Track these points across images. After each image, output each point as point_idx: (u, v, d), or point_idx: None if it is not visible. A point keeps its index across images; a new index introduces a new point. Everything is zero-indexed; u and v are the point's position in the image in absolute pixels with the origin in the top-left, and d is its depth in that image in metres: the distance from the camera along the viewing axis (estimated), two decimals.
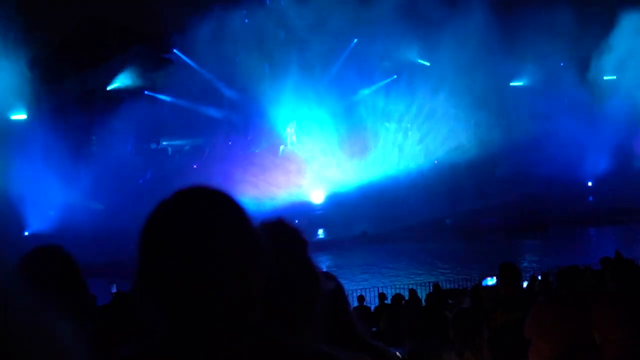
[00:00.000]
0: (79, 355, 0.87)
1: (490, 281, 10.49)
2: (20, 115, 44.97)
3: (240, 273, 1.38)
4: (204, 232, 1.36)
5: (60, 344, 0.82)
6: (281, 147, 49.99)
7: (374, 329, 12.02)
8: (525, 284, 12.72)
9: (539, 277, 14.94)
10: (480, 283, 14.29)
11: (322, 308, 1.83)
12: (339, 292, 2.39)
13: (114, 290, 15.01)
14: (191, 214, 1.38)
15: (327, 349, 1.46)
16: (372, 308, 16.18)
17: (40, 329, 0.80)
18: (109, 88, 48.76)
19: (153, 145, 50.75)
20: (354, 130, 48.75)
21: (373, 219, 40.48)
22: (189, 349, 1.35)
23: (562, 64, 49.95)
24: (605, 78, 49.42)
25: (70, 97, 47.77)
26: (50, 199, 42.44)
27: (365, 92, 50.87)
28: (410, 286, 18.76)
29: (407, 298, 15.45)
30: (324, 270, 1.97)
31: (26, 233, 38.75)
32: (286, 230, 1.88)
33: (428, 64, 49.11)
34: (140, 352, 1.41)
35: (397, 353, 2.49)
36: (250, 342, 1.36)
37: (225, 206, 1.43)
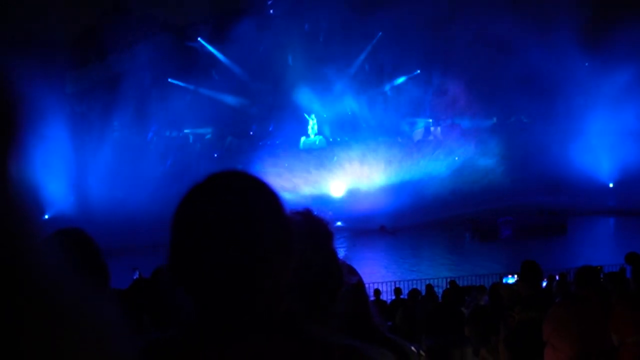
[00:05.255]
0: (123, 335, 0.86)
1: (510, 280, 10.43)
2: None
3: (273, 262, 1.34)
4: (238, 219, 1.32)
5: (106, 324, 0.80)
6: (302, 139, 50.02)
7: (389, 323, 12.01)
8: (543, 284, 12.66)
9: (557, 277, 14.86)
10: (501, 280, 14.21)
11: (344, 301, 1.82)
12: (360, 286, 2.39)
13: (136, 276, 15.01)
14: (225, 199, 1.34)
15: (353, 342, 1.45)
16: (388, 302, 16.15)
17: (88, 307, 0.79)
18: (132, 75, 48.86)
19: (174, 133, 50.91)
20: (375, 124, 48.67)
21: (392, 214, 40.38)
22: (216, 337, 1.34)
23: (586, 64, 49.60)
24: None
25: (93, 83, 48.05)
26: (70, 183, 42.73)
27: (388, 86, 50.79)
28: (427, 281, 18.70)
29: (423, 293, 15.43)
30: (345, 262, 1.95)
31: (46, 216, 38.98)
32: (313, 221, 1.86)
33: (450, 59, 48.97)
34: (167, 337, 1.40)
35: (413, 348, 2.48)
36: (279, 333, 1.35)
37: (260, 192, 1.39)
